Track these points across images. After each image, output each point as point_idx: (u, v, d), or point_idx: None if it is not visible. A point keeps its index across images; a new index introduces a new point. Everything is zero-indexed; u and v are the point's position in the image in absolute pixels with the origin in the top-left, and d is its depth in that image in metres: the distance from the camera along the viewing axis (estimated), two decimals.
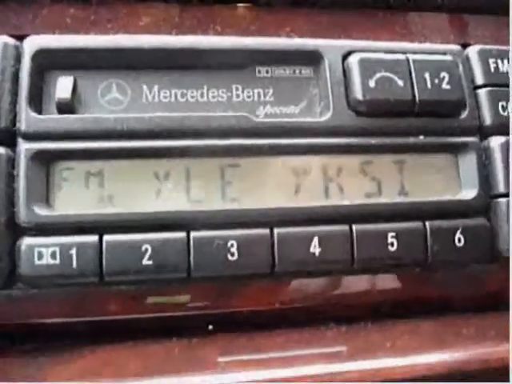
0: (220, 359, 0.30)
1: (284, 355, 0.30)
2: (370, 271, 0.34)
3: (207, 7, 0.36)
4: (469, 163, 0.35)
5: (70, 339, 0.32)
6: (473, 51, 0.37)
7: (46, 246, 0.30)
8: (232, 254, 0.31)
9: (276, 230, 0.32)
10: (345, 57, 0.35)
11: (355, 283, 0.35)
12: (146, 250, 0.31)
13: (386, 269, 0.34)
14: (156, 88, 0.34)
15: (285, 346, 0.31)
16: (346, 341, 0.33)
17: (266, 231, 0.32)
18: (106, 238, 0.31)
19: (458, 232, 0.34)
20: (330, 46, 0.35)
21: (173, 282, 0.32)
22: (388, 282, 0.35)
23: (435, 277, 0.35)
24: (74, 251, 0.30)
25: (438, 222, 0.34)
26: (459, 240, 0.34)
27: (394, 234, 0.33)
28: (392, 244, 0.33)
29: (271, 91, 0.35)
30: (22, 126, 0.31)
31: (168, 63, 0.34)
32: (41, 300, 0.32)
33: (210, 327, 0.34)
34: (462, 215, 0.34)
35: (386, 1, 0.39)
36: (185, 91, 0.34)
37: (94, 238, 0.31)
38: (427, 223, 0.34)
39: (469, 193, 0.35)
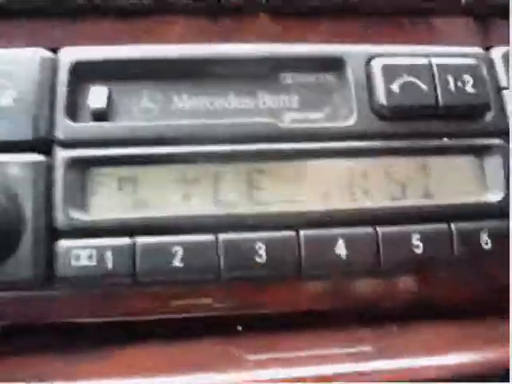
0: (249, 357, 0.31)
1: (312, 354, 0.31)
2: (396, 273, 0.34)
3: (233, 17, 0.37)
4: (494, 165, 0.35)
5: (102, 337, 0.33)
6: (497, 53, 0.37)
7: (83, 248, 0.32)
8: (260, 256, 0.32)
9: (302, 232, 0.33)
10: (367, 62, 0.35)
11: (380, 285, 0.35)
12: (177, 251, 0.32)
13: (411, 271, 0.34)
14: (185, 96, 0.35)
15: (312, 346, 0.32)
16: (371, 342, 0.33)
17: (293, 233, 0.33)
18: (139, 240, 0.32)
19: (485, 234, 0.34)
20: (352, 51, 0.36)
21: (203, 283, 0.33)
22: (412, 284, 0.36)
23: (460, 279, 0.35)
24: (109, 253, 0.32)
25: (463, 224, 0.34)
26: (486, 242, 0.34)
27: (419, 236, 0.33)
28: (418, 246, 0.33)
29: (296, 97, 0.36)
30: (60, 134, 0.33)
31: (196, 72, 0.35)
32: (76, 300, 0.33)
33: (239, 328, 0.34)
34: (489, 217, 0.34)
35: (407, 6, 0.39)
36: (213, 99, 0.35)
37: (128, 241, 0.32)
38: (452, 225, 0.34)
39: (495, 195, 0.35)
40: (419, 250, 0.33)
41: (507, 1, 0.40)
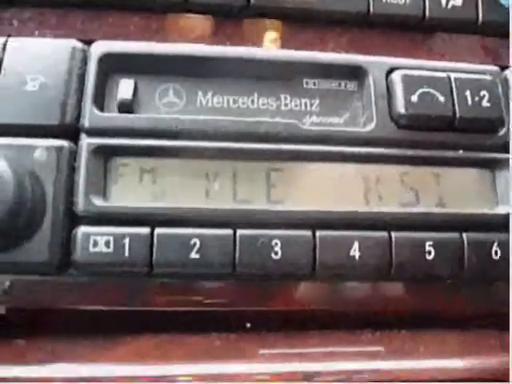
0: (261, 351, 0.31)
1: (325, 350, 0.31)
2: (407, 279, 0.35)
3: (259, 21, 0.38)
4: (505, 179, 0.36)
5: (117, 326, 0.33)
6: (511, 73, 0.38)
7: (101, 234, 0.32)
8: (276, 253, 0.33)
9: (318, 233, 0.34)
10: (388, 73, 0.37)
11: (389, 290, 0.36)
12: (195, 244, 0.32)
13: (422, 277, 0.35)
14: (210, 94, 0.36)
15: (323, 344, 0.32)
16: (381, 344, 0.33)
17: (309, 233, 0.34)
18: (158, 230, 0.32)
19: (495, 245, 0.35)
20: (374, 62, 0.37)
21: (218, 277, 0.33)
22: (420, 292, 0.36)
23: (464, 289, 0.36)
24: (126, 241, 0.32)
25: (475, 235, 0.35)
26: (496, 253, 0.35)
27: (431, 242, 0.34)
28: (429, 253, 0.34)
29: (317, 102, 0.37)
30: (86, 122, 0.33)
31: (222, 71, 0.36)
32: (91, 288, 0.33)
33: (248, 325, 0.35)
34: (499, 229, 0.35)
35: (425, 23, 0.41)
36: (236, 98, 0.36)
37: (146, 230, 0.32)
38: (464, 235, 0.35)
39: (505, 208, 0.36)
40: (431, 257, 0.34)
41: None
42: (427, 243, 0.34)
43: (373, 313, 0.35)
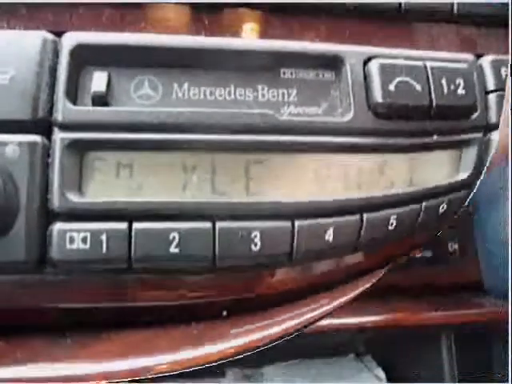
0: (232, 331, 0.31)
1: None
2: (374, 248, 0.37)
3: (235, 12, 0.38)
4: (470, 154, 0.38)
5: (95, 323, 0.33)
6: (486, 61, 0.39)
7: (78, 231, 0.31)
8: (255, 245, 0.33)
9: (297, 223, 0.34)
10: (366, 62, 0.36)
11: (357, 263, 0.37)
12: (174, 238, 0.32)
13: (384, 243, 0.37)
14: (186, 85, 0.35)
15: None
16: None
17: (288, 224, 0.34)
18: (136, 225, 0.32)
19: (444, 204, 0.37)
20: (351, 51, 0.37)
21: (198, 270, 0.33)
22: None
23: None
24: (104, 237, 0.31)
25: (433, 201, 0.37)
26: (442, 208, 0.37)
27: (395, 216, 0.36)
28: (391, 224, 0.36)
29: (295, 92, 0.36)
30: (59, 116, 0.32)
31: (198, 62, 0.35)
32: (69, 286, 0.33)
33: (225, 313, 0.35)
34: (452, 191, 0.37)
35: (403, 12, 0.41)
36: (213, 89, 0.35)
37: (124, 225, 0.32)
38: (423, 203, 0.36)
39: (463, 175, 0.38)
40: (392, 227, 0.36)
41: (494, 12, 0.42)
42: (392, 217, 0.35)
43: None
